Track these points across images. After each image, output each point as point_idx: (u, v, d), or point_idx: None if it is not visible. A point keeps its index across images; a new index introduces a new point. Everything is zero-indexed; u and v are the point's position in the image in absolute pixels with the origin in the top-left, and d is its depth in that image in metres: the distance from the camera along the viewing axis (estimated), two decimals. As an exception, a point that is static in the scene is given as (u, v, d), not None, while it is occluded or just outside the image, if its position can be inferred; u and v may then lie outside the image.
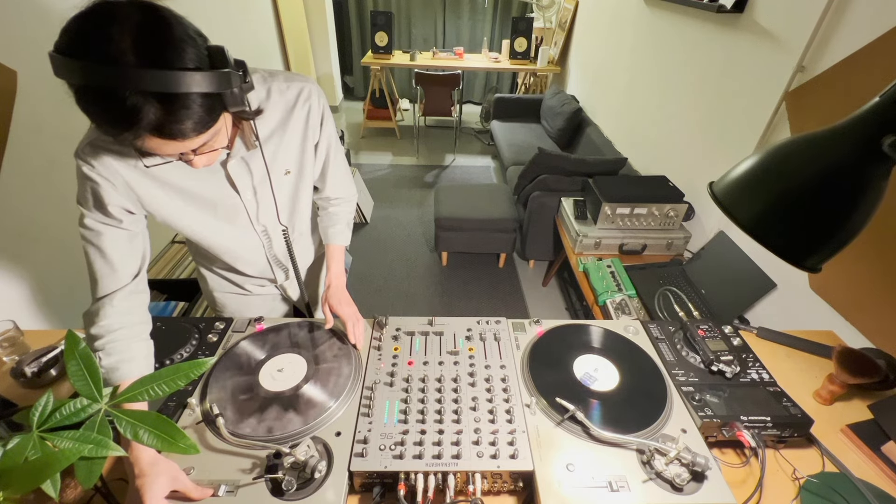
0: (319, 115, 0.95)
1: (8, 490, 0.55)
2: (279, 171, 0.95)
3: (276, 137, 0.91)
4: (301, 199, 1.04)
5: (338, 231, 1.14)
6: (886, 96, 0.51)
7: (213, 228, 0.96)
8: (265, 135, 0.89)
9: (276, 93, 0.88)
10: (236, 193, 0.92)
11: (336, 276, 1.10)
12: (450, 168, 4.45)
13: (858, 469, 0.89)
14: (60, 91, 0.60)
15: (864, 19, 1.36)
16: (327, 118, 0.98)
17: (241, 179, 0.91)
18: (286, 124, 0.91)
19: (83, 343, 0.65)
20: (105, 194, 0.78)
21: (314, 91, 0.93)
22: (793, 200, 0.56)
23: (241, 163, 0.89)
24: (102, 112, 0.60)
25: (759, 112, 1.77)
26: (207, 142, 0.69)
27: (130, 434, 0.63)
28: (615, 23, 3.39)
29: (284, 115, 0.90)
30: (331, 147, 1.03)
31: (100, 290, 0.82)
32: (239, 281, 1.15)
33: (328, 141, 1.02)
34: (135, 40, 0.56)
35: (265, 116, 0.87)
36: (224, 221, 0.96)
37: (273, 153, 0.92)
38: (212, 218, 0.94)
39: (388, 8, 5.45)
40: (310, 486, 0.73)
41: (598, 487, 0.75)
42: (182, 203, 0.88)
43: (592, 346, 1.02)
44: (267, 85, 0.87)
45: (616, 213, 2.09)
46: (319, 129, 0.97)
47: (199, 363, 0.67)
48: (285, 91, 0.89)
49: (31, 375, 0.99)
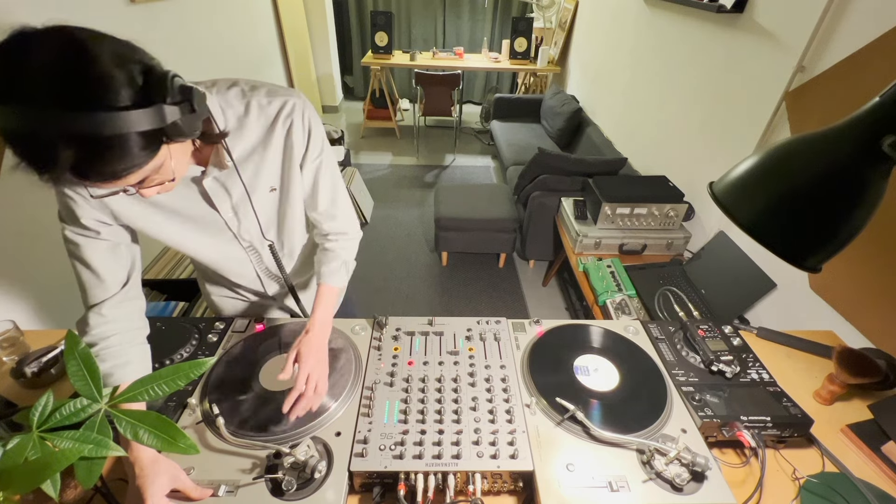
0: (304, 131, 0.88)
1: (8, 490, 0.55)
2: (263, 188, 0.90)
3: (258, 154, 0.87)
4: (289, 216, 0.98)
5: (331, 270, 0.99)
6: (886, 96, 0.51)
7: (198, 242, 0.93)
8: (246, 151, 0.85)
9: (255, 108, 0.83)
10: (215, 211, 0.89)
11: (320, 325, 0.92)
12: (450, 168, 4.45)
13: (858, 469, 0.88)
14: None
15: (864, 19, 1.36)
16: (315, 136, 0.90)
17: (218, 197, 0.87)
18: (268, 141, 0.86)
19: (83, 343, 0.65)
20: (77, 208, 0.77)
21: (297, 106, 0.86)
22: (793, 200, 0.56)
23: (216, 182, 0.85)
24: (20, 154, 0.54)
25: (759, 112, 1.77)
26: (149, 176, 0.63)
27: (130, 434, 0.63)
28: (615, 23, 3.39)
29: (265, 131, 0.85)
30: (320, 169, 0.94)
31: (89, 299, 0.82)
32: (233, 287, 1.12)
33: (315, 162, 0.93)
34: (51, 78, 0.51)
35: (245, 133, 0.83)
36: (207, 236, 0.93)
37: (255, 170, 0.88)
38: (194, 232, 0.91)
39: (388, 8, 5.45)
40: (310, 486, 0.73)
41: (598, 487, 0.75)
42: (161, 218, 0.86)
43: (592, 346, 1.02)
44: (246, 100, 0.83)
45: (616, 213, 2.09)
46: (306, 143, 0.90)
47: (199, 363, 0.67)
48: (266, 106, 0.84)
49: (31, 375, 0.99)
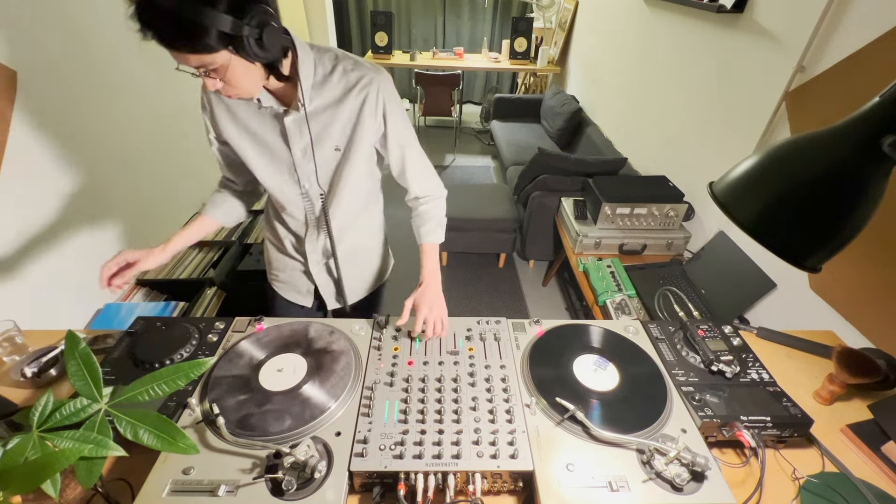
0: (378, 106, 0.99)
1: (8, 490, 0.55)
2: (329, 143, 1.01)
3: (331, 112, 0.98)
4: (344, 178, 1.06)
5: (429, 229, 1.17)
6: (886, 96, 0.51)
7: (269, 171, 1.06)
8: (323, 105, 0.97)
9: (339, 71, 0.96)
10: (288, 148, 1.01)
11: (429, 274, 1.11)
12: (450, 168, 4.45)
13: (858, 469, 0.89)
14: (61, 91, 0.61)
15: (864, 19, 1.36)
16: (392, 112, 1.01)
17: (293, 137, 1.00)
18: (342, 103, 0.97)
19: (83, 343, 0.65)
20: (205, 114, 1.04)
21: (375, 82, 0.97)
22: (793, 200, 0.56)
23: (297, 122, 0.98)
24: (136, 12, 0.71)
25: (759, 112, 1.77)
26: (213, 69, 0.78)
27: (131, 434, 0.63)
28: (615, 23, 3.38)
29: (342, 93, 0.97)
30: (405, 143, 1.07)
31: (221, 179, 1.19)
32: (288, 228, 1.20)
33: (399, 137, 1.05)
34: None
35: (326, 88, 0.96)
36: (278, 171, 1.06)
37: (326, 124, 0.99)
38: (270, 164, 1.05)
39: (388, 8, 5.44)
40: (310, 486, 0.73)
41: (598, 487, 0.75)
42: (248, 144, 1.03)
43: (592, 346, 1.02)
44: (335, 62, 0.96)
45: (616, 213, 2.09)
46: (384, 122, 1.02)
47: (199, 363, 0.67)
48: (349, 72, 0.96)
49: (31, 375, 0.99)
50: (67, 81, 1.67)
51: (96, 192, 1.83)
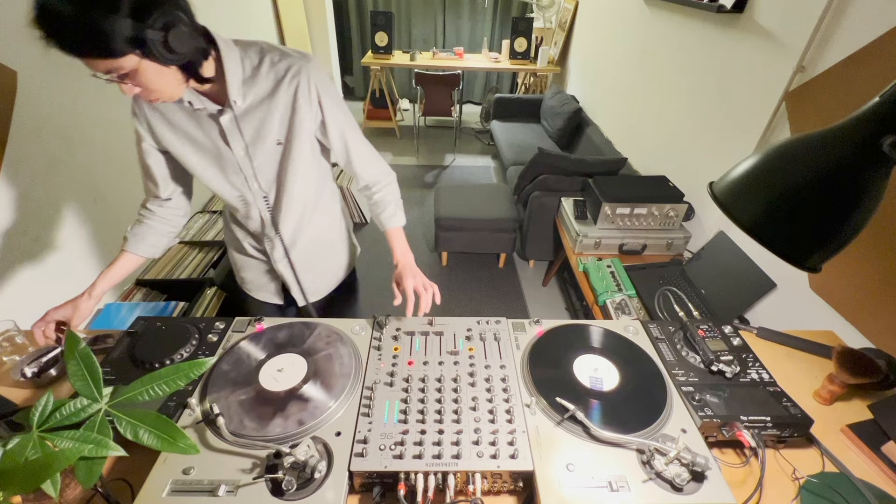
0: (312, 94, 0.97)
1: (8, 490, 0.55)
2: (269, 138, 0.99)
3: (265, 106, 0.96)
4: (290, 171, 1.05)
5: (389, 214, 1.17)
6: (886, 96, 0.51)
7: (213, 174, 1.05)
8: (256, 100, 0.95)
9: (267, 63, 0.94)
10: (229, 148, 0.99)
11: (402, 255, 1.13)
12: (450, 168, 4.45)
13: (858, 469, 0.89)
14: (60, 91, 0.61)
15: (863, 19, 1.36)
16: (326, 98, 0.99)
17: (233, 137, 0.98)
18: (275, 95, 0.95)
19: (83, 343, 0.65)
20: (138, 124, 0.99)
21: (304, 70, 0.95)
22: (793, 200, 0.56)
23: (233, 122, 0.96)
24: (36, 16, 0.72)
25: (759, 112, 1.77)
26: (124, 74, 0.75)
27: (131, 434, 0.63)
28: (615, 23, 3.39)
29: (274, 85, 0.95)
30: (345, 129, 1.06)
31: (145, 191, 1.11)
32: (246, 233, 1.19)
33: (338, 123, 1.04)
34: None
35: (256, 83, 0.94)
36: (224, 173, 1.04)
37: (262, 120, 0.97)
38: (214, 168, 1.04)
39: (388, 8, 5.45)
40: (310, 486, 0.73)
41: (598, 487, 0.75)
42: (190, 149, 1.00)
43: (592, 346, 1.02)
44: (262, 55, 0.94)
45: (616, 213, 2.09)
46: (320, 109, 1.00)
47: (199, 363, 0.67)
48: (276, 63, 0.94)
49: (31, 375, 0.99)
50: (67, 81, 1.68)
51: (96, 192, 1.83)
